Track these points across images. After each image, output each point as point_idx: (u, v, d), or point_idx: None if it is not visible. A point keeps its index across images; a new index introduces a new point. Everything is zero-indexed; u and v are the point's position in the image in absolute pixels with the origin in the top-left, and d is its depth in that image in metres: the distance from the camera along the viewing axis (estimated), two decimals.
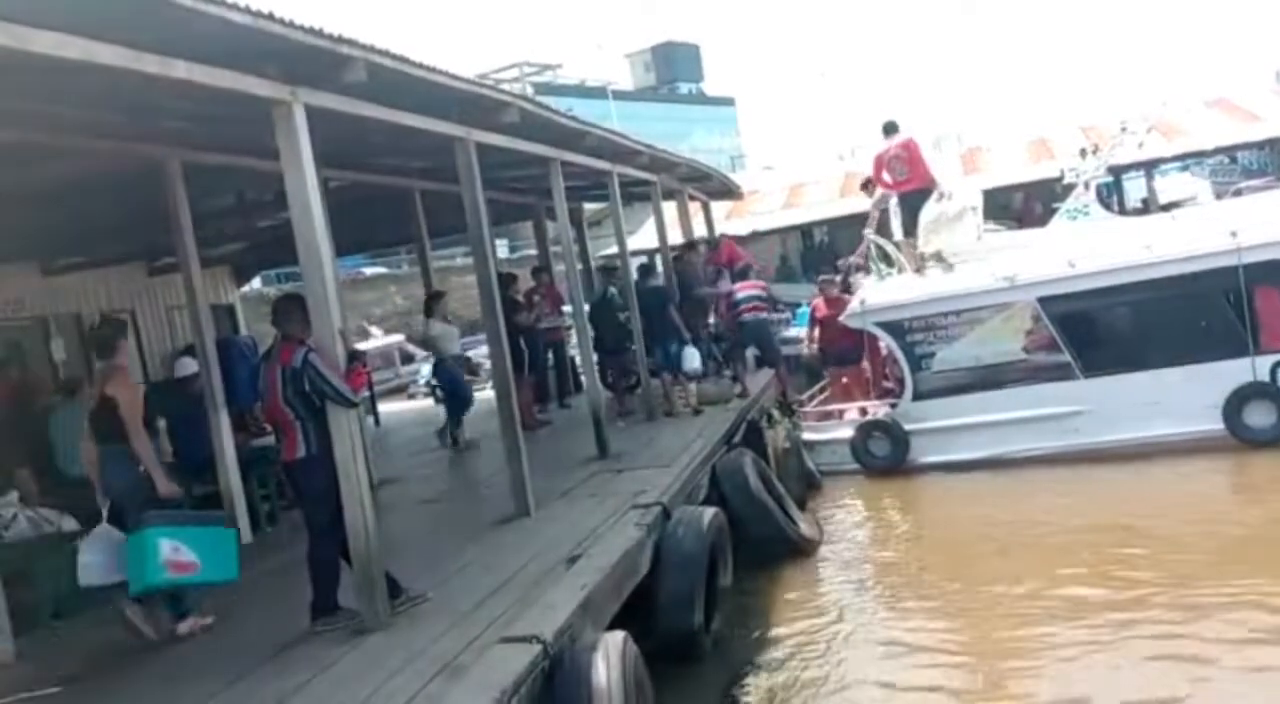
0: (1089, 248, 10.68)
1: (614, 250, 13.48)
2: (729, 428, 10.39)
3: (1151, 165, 19.38)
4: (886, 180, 12.31)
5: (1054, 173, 14.85)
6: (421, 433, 13.79)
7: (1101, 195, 14.06)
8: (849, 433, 11.46)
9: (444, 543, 7.13)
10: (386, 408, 17.74)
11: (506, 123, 7.76)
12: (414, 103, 6.54)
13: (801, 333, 14.31)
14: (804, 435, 11.76)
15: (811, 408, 12.77)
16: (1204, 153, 19.96)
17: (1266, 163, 24.95)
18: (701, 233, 16.76)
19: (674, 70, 60.51)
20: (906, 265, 11.88)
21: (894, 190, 12.30)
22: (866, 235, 12.73)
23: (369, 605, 5.29)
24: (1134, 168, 18.75)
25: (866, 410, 11.90)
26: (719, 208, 19.73)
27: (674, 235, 14.67)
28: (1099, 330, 10.96)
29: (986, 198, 13.18)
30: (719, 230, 18.02)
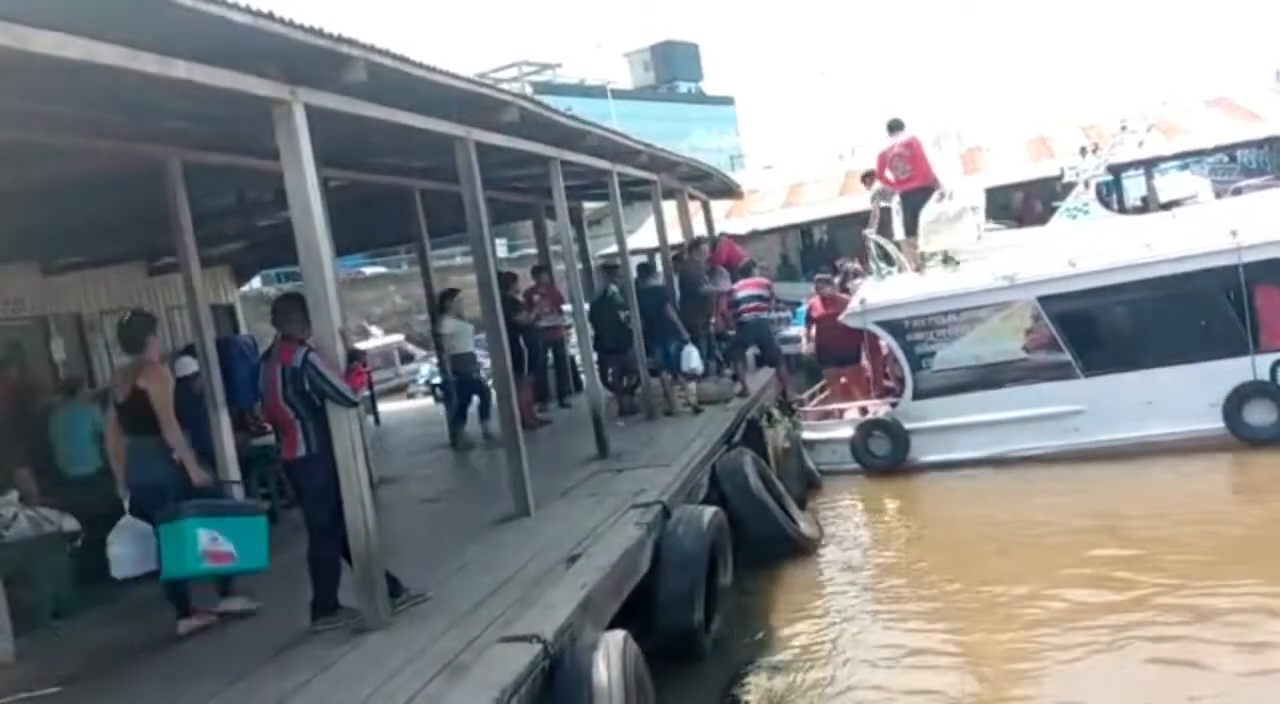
0: (1089, 247, 10.68)
1: (614, 249, 13.47)
2: (729, 427, 10.39)
3: (1151, 164, 19.35)
4: (889, 178, 12.30)
5: (1054, 172, 14.84)
6: (421, 432, 13.80)
7: (1101, 194, 14.05)
8: (849, 432, 11.47)
9: (444, 542, 7.13)
10: (386, 407, 17.76)
11: (506, 122, 7.76)
12: (414, 102, 6.54)
13: (800, 332, 14.32)
14: (804, 435, 11.76)
15: (811, 407, 12.78)
16: (1204, 152, 19.94)
17: (1266, 162, 24.91)
18: (701, 232, 16.75)
19: (673, 69, 60.43)
20: (906, 264, 11.89)
21: (896, 188, 12.30)
22: (866, 235, 12.73)
23: (369, 605, 5.29)
24: (1133, 166, 18.73)
25: (866, 410, 11.91)
26: (719, 207, 19.73)
27: (674, 235, 14.66)
28: (1099, 329, 10.96)
29: (986, 197, 13.19)
30: (719, 229, 18.02)
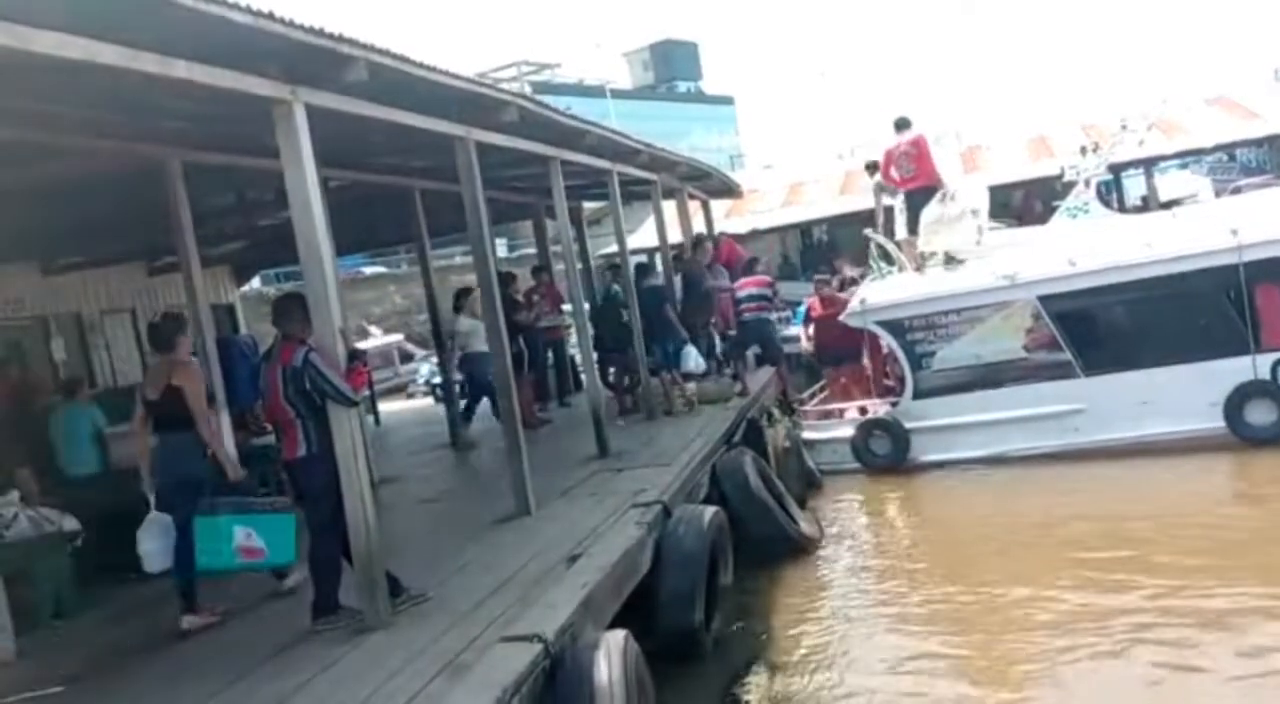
0: (1089, 246, 10.68)
1: (614, 249, 13.46)
2: (729, 427, 10.39)
3: (1151, 163, 19.35)
4: (894, 176, 12.31)
5: (1054, 171, 14.84)
6: (421, 432, 13.81)
7: (1101, 193, 14.05)
8: (849, 432, 11.46)
9: (444, 542, 7.13)
10: (386, 407, 17.77)
11: (506, 122, 7.75)
12: (414, 102, 6.54)
13: (800, 331, 14.31)
14: (804, 434, 11.76)
15: (812, 407, 12.77)
16: (1203, 151, 19.93)
17: (1265, 161, 24.90)
18: (702, 231, 16.74)
19: (672, 69, 60.35)
20: (907, 264, 11.88)
21: (900, 187, 12.30)
22: (867, 235, 12.73)
23: (370, 604, 5.29)
24: (1133, 165, 18.73)
25: (865, 409, 11.91)
26: (718, 206, 19.72)
27: (674, 234, 14.66)
28: (1099, 329, 10.94)
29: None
30: (719, 229, 18.02)
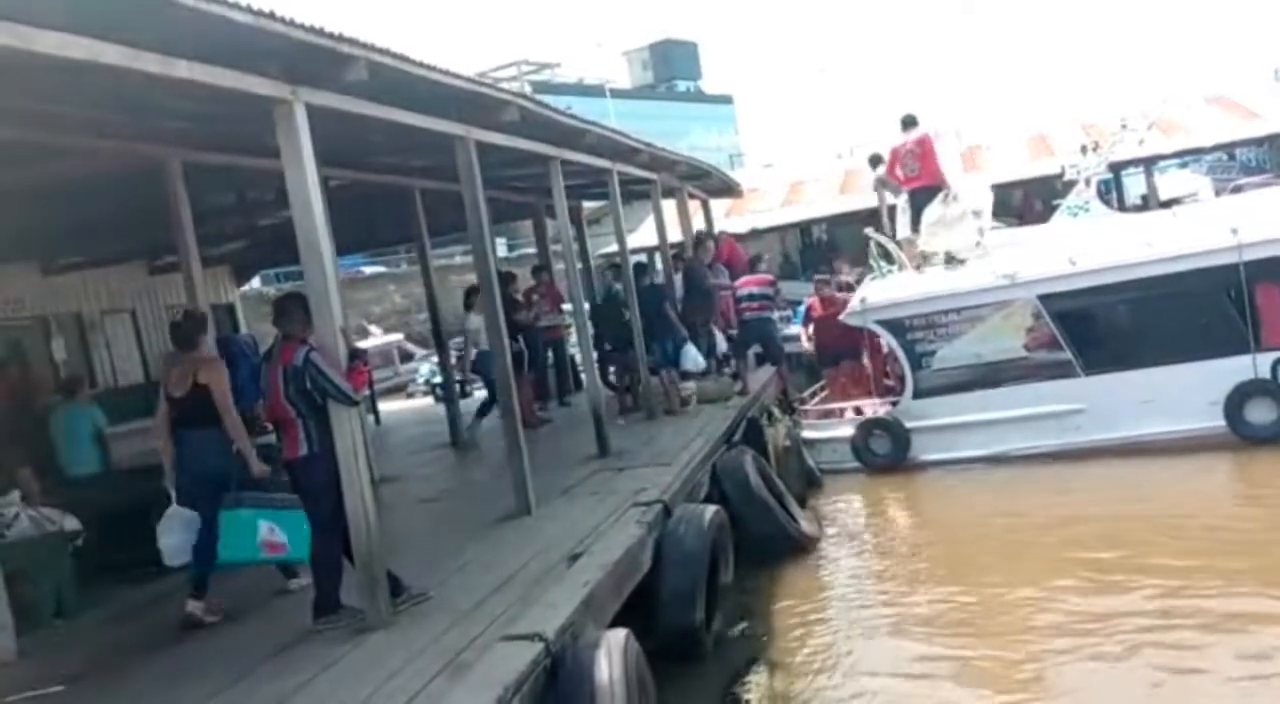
0: (1090, 245, 10.68)
1: (614, 249, 13.47)
2: (729, 426, 10.40)
3: (1151, 162, 19.35)
4: (899, 175, 12.31)
5: (1054, 170, 14.86)
6: (421, 431, 13.81)
7: (1100, 192, 14.05)
8: (850, 431, 11.46)
9: (445, 541, 7.13)
10: (385, 407, 17.78)
11: (506, 121, 7.75)
12: (414, 101, 6.54)
13: (800, 331, 14.31)
14: (805, 434, 11.76)
15: (812, 406, 12.77)
16: (1203, 150, 19.95)
17: (1265, 160, 24.91)
18: (704, 229, 16.75)
19: (672, 68, 60.39)
20: (907, 263, 11.88)
21: (904, 186, 12.30)
22: (868, 234, 12.72)
23: (371, 603, 5.29)
24: (1133, 164, 18.73)
25: (861, 410, 11.90)
26: (718, 206, 19.72)
27: (673, 233, 14.66)
28: (1100, 328, 10.94)
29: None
30: (719, 228, 18.01)
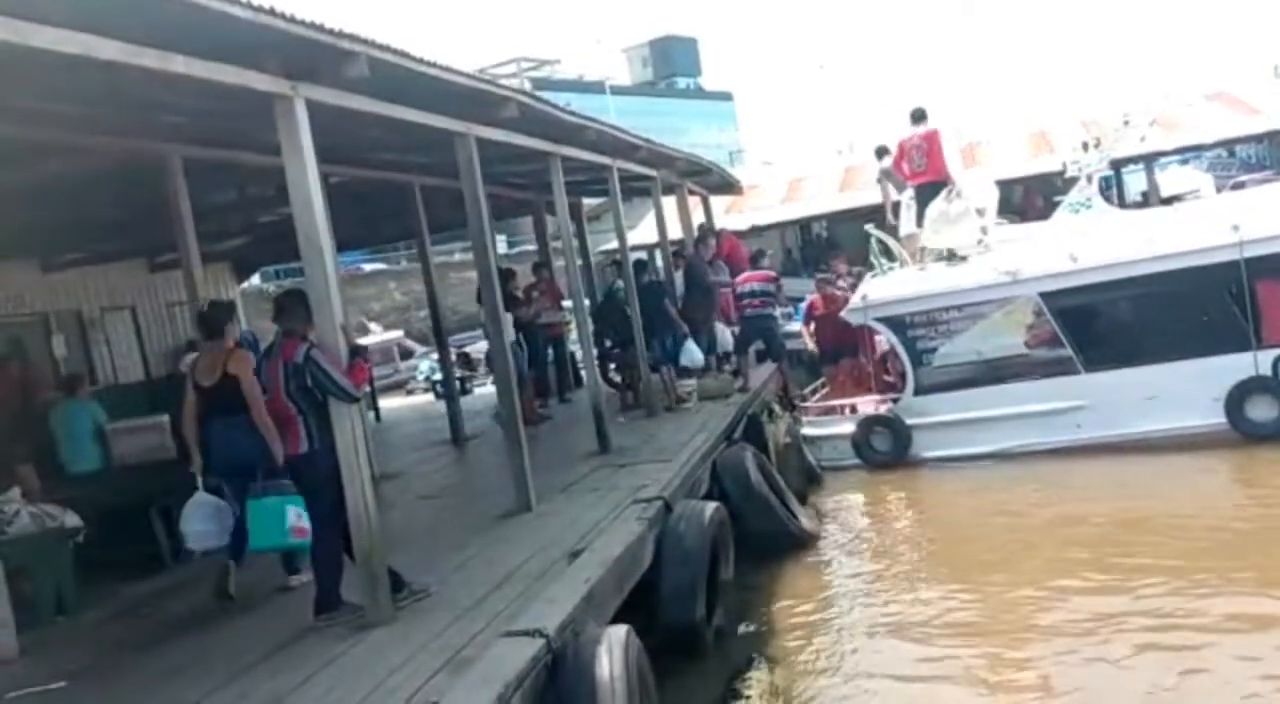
0: (1091, 242, 10.66)
1: (614, 245, 13.46)
2: (730, 423, 10.39)
3: (1151, 159, 19.34)
4: (905, 170, 12.29)
5: (1054, 166, 14.83)
6: (422, 428, 13.82)
7: (1101, 189, 14.04)
8: (850, 428, 11.45)
9: (446, 538, 7.13)
10: (385, 404, 17.76)
11: (506, 117, 7.74)
12: (415, 98, 6.53)
13: (800, 328, 14.29)
14: (805, 430, 11.75)
15: (813, 403, 12.76)
16: (1204, 147, 19.93)
17: (1265, 156, 24.92)
18: (709, 224, 16.75)
19: (672, 65, 60.45)
20: (908, 260, 11.87)
21: (910, 181, 12.28)
22: (868, 230, 12.71)
23: (372, 600, 5.29)
24: (1133, 161, 18.71)
25: (856, 407, 11.87)
26: (718, 203, 19.71)
27: (674, 230, 14.65)
28: (1101, 325, 10.93)
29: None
30: (719, 225, 17.99)
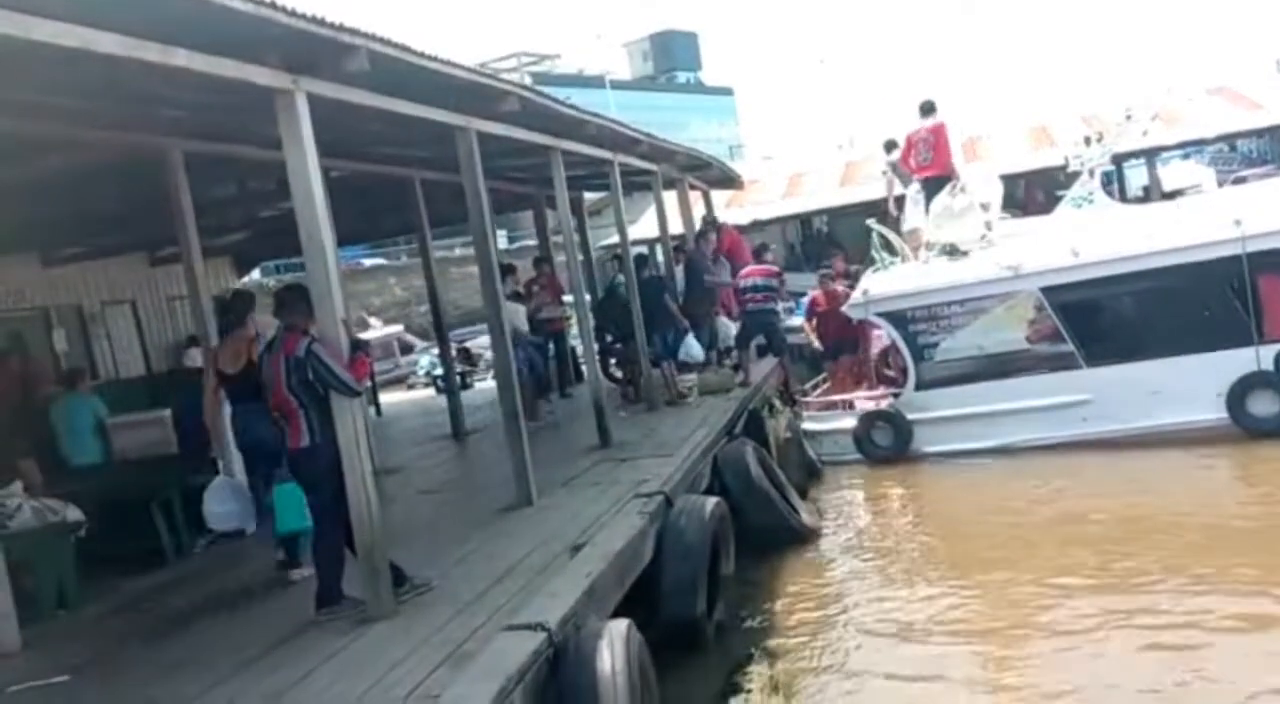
0: (1093, 236, 10.65)
1: (615, 240, 13.45)
2: (731, 417, 10.39)
3: (1152, 153, 19.30)
4: (911, 163, 12.27)
5: (1055, 161, 14.78)
6: (423, 423, 13.82)
7: (1102, 183, 14.02)
8: (851, 423, 11.45)
9: (447, 532, 7.14)
10: (386, 398, 17.76)
11: (507, 112, 7.74)
12: (415, 92, 6.53)
13: (802, 322, 14.27)
14: (806, 425, 11.75)
15: (814, 398, 12.76)
16: (1205, 141, 19.88)
17: (1267, 151, 24.88)
18: (713, 216, 16.71)
19: (672, 59, 60.35)
20: (909, 254, 11.85)
21: (915, 174, 12.26)
22: (869, 225, 12.70)
23: (373, 594, 5.30)
24: (1134, 156, 18.67)
25: (853, 404, 11.85)
26: (719, 197, 19.70)
27: (674, 225, 14.63)
28: (1103, 320, 10.90)
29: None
30: (720, 220, 17.95)
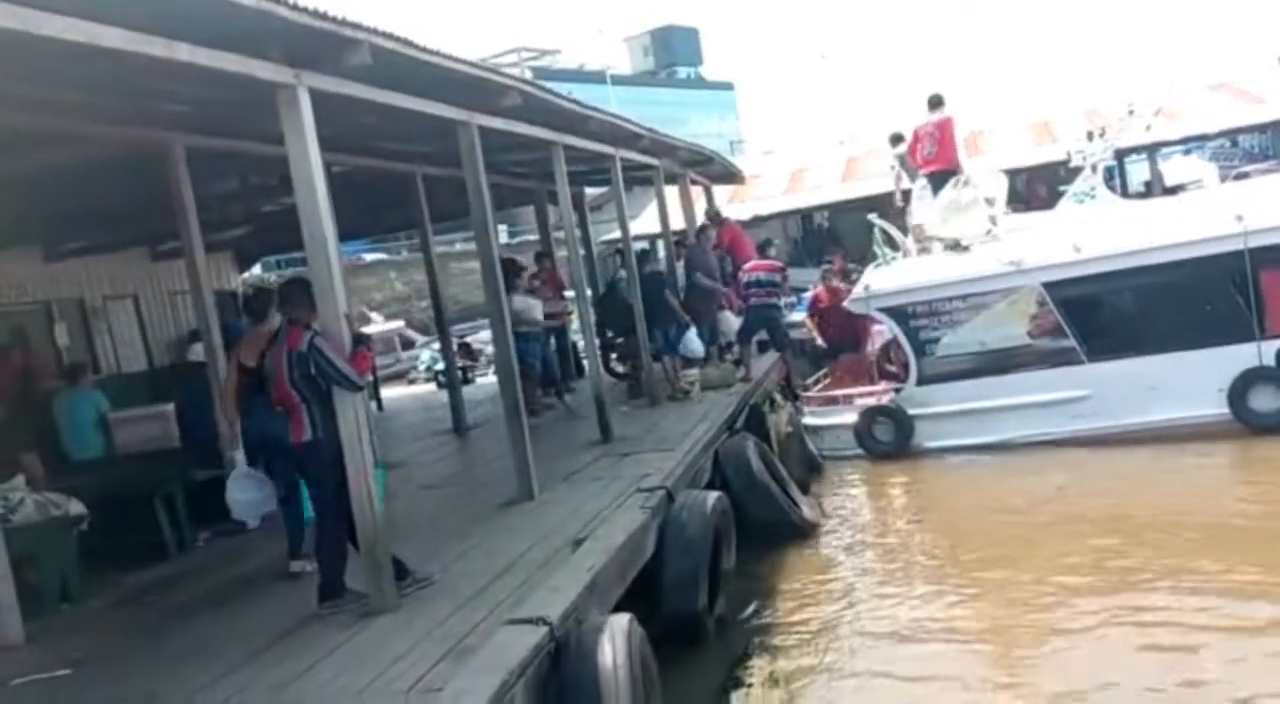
0: (1095, 232, 10.64)
1: (616, 235, 13.46)
2: (732, 412, 10.40)
3: (1154, 148, 19.28)
4: (918, 157, 12.28)
5: (1057, 156, 14.78)
6: (424, 418, 13.84)
7: (1104, 178, 14.00)
8: (853, 418, 11.46)
9: (448, 526, 7.15)
10: (387, 393, 17.77)
11: (509, 107, 7.74)
12: (417, 86, 6.53)
13: (804, 318, 14.27)
14: (808, 420, 11.75)
15: (815, 393, 12.75)
16: (1207, 136, 19.86)
17: (1268, 146, 24.80)
18: (717, 210, 16.73)
19: (673, 54, 60.13)
20: (911, 249, 11.85)
21: (921, 169, 12.27)
22: (871, 220, 12.69)
23: (376, 588, 5.31)
24: (1136, 151, 18.66)
25: (851, 399, 11.86)
26: (720, 192, 19.69)
27: (676, 220, 14.62)
28: (1104, 315, 10.89)
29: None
30: (723, 216, 17.94)
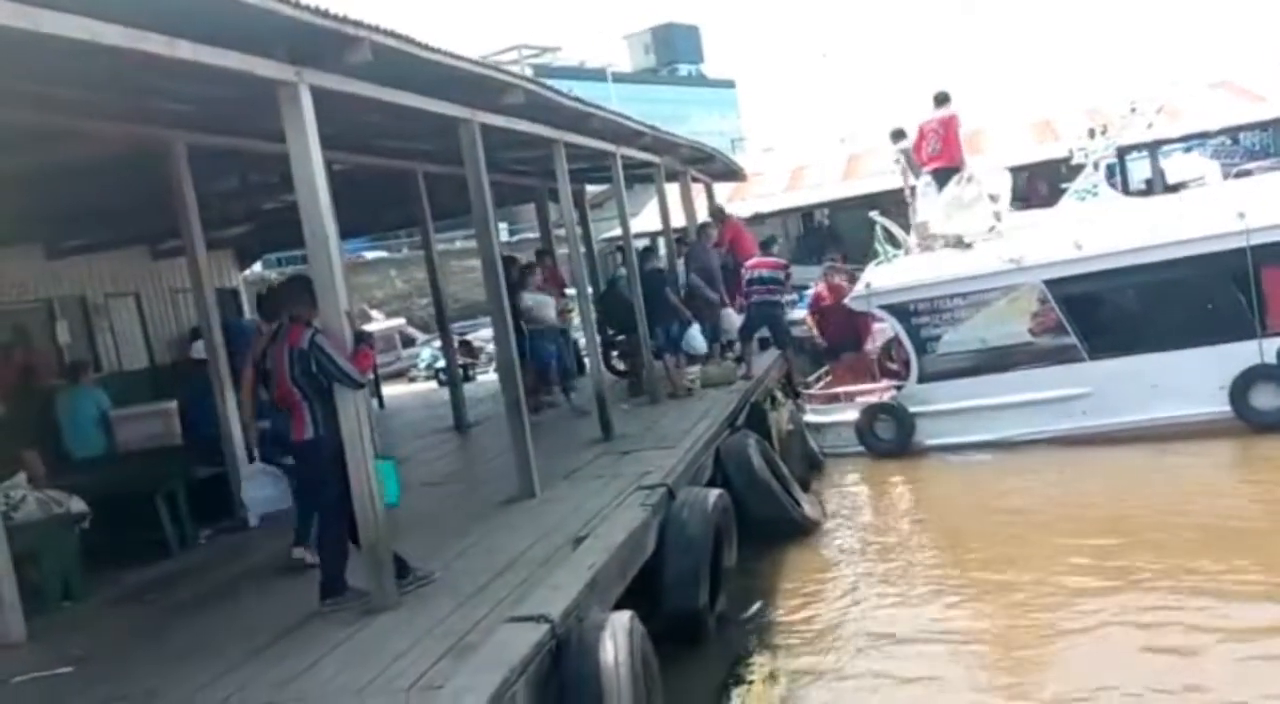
0: (1096, 229, 10.63)
1: (617, 233, 13.45)
2: (733, 410, 10.40)
3: (1156, 146, 19.25)
4: (922, 154, 12.28)
5: (1058, 154, 14.76)
6: (425, 415, 13.84)
7: (1106, 175, 13.98)
8: (854, 415, 11.46)
9: (450, 524, 7.15)
10: (388, 391, 17.77)
11: (511, 104, 7.73)
12: (418, 84, 6.52)
13: (805, 315, 14.26)
14: (809, 418, 11.75)
15: (816, 390, 12.75)
16: (1208, 134, 19.84)
17: (1269, 144, 24.75)
18: (706, 215, 16.68)
19: (674, 52, 60.03)
20: (913, 246, 11.84)
21: (925, 165, 12.27)
22: (872, 217, 12.68)
23: (377, 585, 5.31)
24: (1137, 148, 18.63)
25: (853, 396, 11.84)
26: (721, 190, 19.68)
27: (677, 218, 14.61)
28: (1105, 312, 10.91)
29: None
30: (725, 213, 17.90)
